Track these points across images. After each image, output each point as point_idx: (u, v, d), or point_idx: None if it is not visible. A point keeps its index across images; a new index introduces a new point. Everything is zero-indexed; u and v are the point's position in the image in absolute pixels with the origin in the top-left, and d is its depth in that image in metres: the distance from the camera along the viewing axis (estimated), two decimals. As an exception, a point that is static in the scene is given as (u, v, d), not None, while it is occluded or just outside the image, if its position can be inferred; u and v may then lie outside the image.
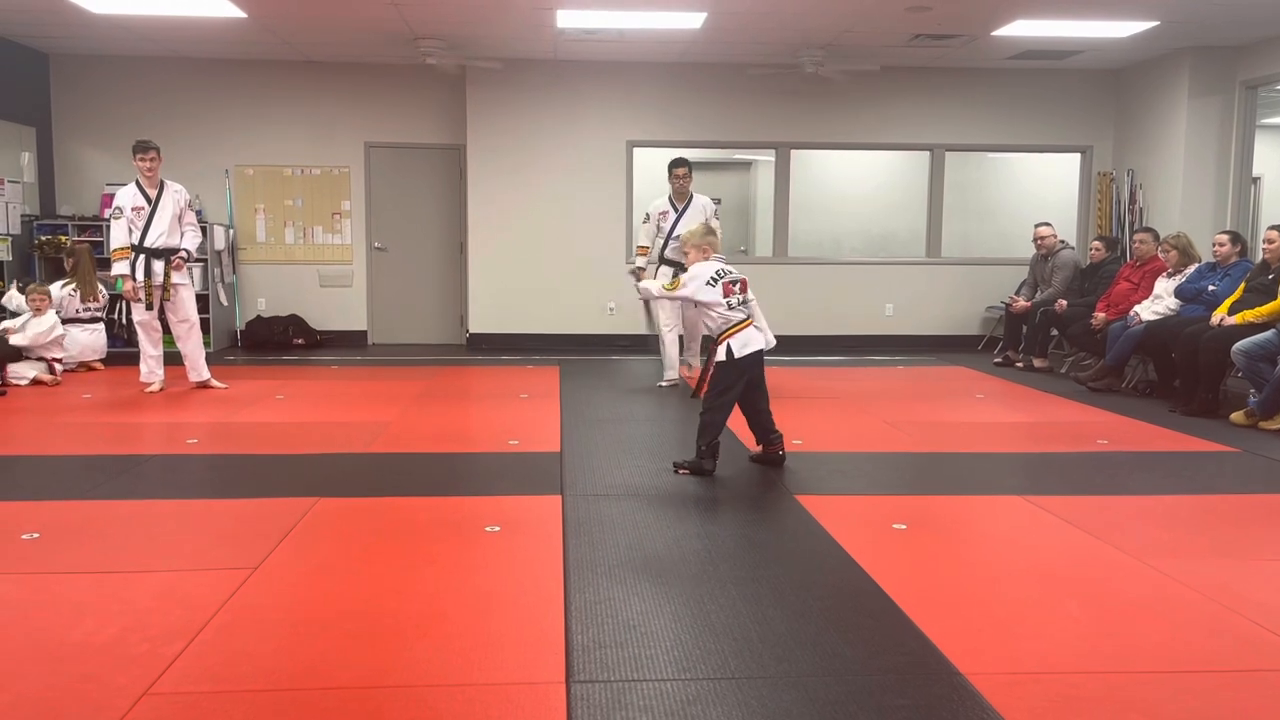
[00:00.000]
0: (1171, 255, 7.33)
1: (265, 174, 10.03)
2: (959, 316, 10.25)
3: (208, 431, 5.73)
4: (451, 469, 4.93)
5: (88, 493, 4.32)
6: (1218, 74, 8.91)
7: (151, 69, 9.68)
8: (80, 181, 9.81)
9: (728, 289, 4.64)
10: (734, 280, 4.67)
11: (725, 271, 4.70)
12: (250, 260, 10.08)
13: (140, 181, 6.86)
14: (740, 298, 4.67)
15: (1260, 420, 5.96)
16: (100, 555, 3.50)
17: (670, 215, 7.27)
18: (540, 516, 3.98)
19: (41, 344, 7.38)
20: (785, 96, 9.83)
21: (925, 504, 4.31)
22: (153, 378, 7.00)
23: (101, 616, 2.90)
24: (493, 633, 2.82)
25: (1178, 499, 4.43)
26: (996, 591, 3.24)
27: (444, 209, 10.25)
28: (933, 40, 8.65)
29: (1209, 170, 9.01)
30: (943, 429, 5.96)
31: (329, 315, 10.16)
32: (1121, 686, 2.53)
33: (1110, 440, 5.65)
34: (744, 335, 4.64)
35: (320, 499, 4.19)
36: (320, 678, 2.54)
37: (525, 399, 6.91)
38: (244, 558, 3.43)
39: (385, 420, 6.02)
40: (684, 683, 2.53)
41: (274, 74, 9.84)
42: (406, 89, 9.92)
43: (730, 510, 4.20)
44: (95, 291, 8.09)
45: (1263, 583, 3.34)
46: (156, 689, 2.46)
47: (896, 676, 2.58)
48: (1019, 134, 10.17)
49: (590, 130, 9.85)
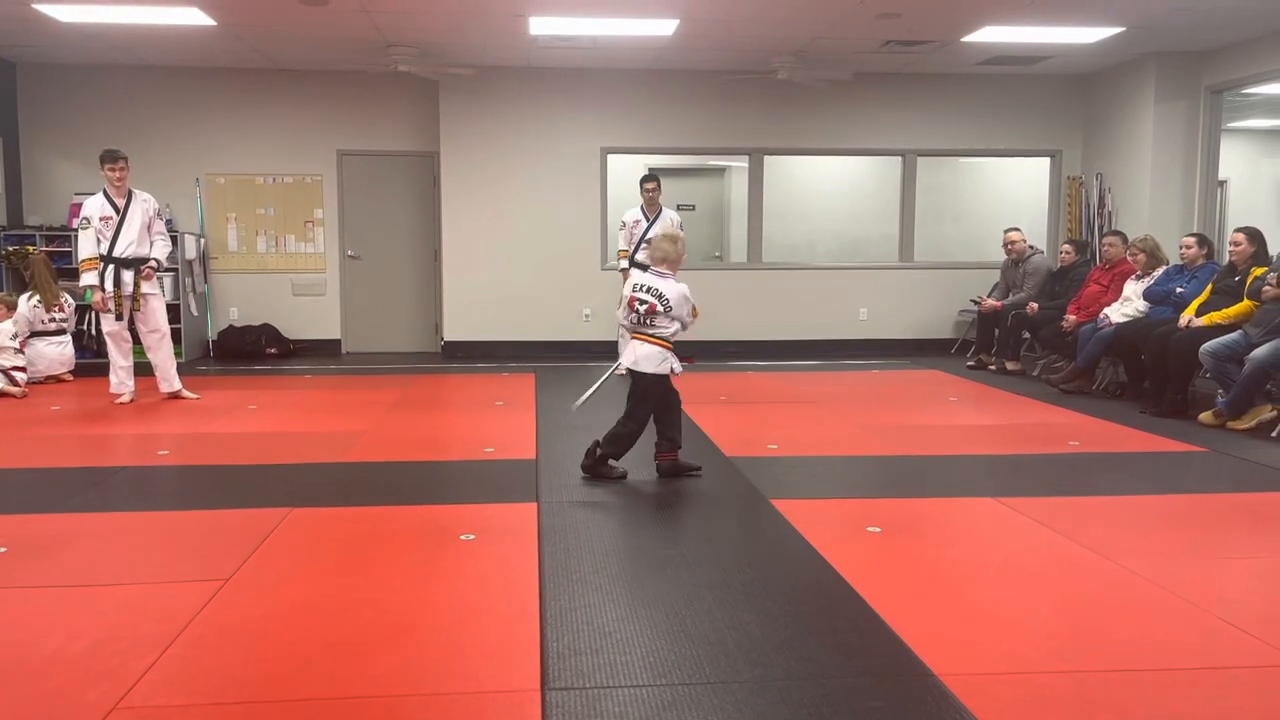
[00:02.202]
0: (1140, 258, 7.41)
1: (237, 182, 9.96)
2: (932, 320, 10.32)
3: (179, 443, 5.67)
4: (426, 477, 4.91)
5: (57, 506, 4.27)
6: (1183, 79, 9.02)
7: (120, 78, 9.60)
8: (48, 191, 9.71)
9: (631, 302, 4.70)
10: (639, 298, 4.68)
11: (638, 286, 4.72)
12: (222, 269, 10.00)
13: (108, 191, 6.79)
14: (636, 314, 4.69)
15: (1228, 420, 6.04)
16: (70, 569, 3.45)
17: (642, 224, 8.26)
18: (515, 524, 3.97)
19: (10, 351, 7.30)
20: (758, 102, 9.88)
21: (899, 507, 4.33)
22: (123, 389, 6.93)
23: (71, 630, 2.87)
24: (467, 641, 2.81)
25: (1148, 499, 4.48)
26: (970, 592, 3.26)
27: (418, 216, 10.21)
28: (903, 46, 8.72)
29: (1176, 174, 9.13)
30: (916, 432, 6.00)
31: (302, 324, 10.10)
32: (1093, 685, 2.55)
33: (1081, 441, 5.70)
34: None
35: (293, 509, 4.16)
36: (293, 689, 2.52)
37: (500, 406, 6.89)
38: (216, 569, 3.39)
39: (359, 429, 5.99)
40: (659, 688, 2.53)
41: (245, 82, 9.78)
42: (379, 96, 9.89)
43: (705, 515, 4.21)
44: (57, 298, 7.99)
45: (1232, 580, 3.39)
46: (126, 703, 2.43)
47: (871, 679, 2.59)
48: (989, 139, 10.26)
49: (564, 137, 9.85)
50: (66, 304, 8.11)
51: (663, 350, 4.65)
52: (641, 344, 4.67)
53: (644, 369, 4.65)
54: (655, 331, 4.66)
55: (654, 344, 4.65)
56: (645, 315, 4.66)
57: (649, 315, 4.66)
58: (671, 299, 4.63)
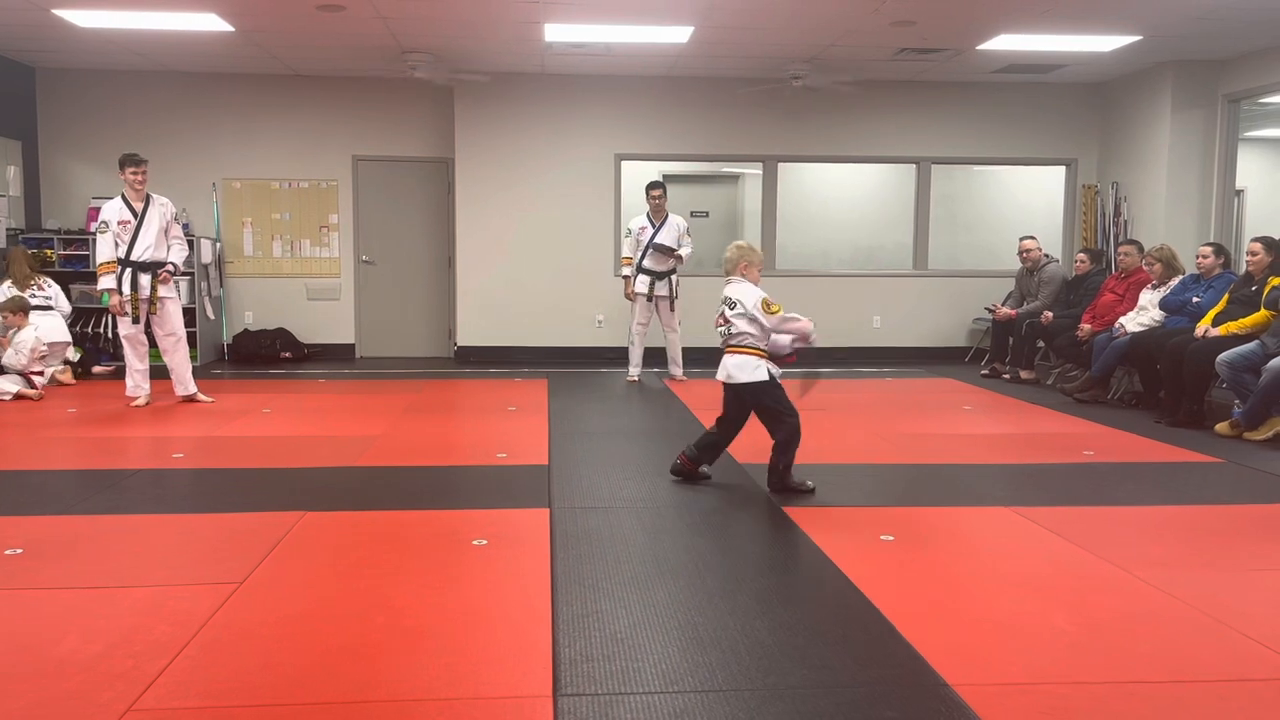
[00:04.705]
0: (1156, 268, 7.38)
1: (253, 187, 10.01)
2: (946, 329, 10.29)
3: (194, 446, 5.70)
4: (439, 482, 4.91)
5: (72, 508, 4.29)
6: (1200, 88, 8.98)
7: (138, 83, 9.67)
8: (66, 195, 9.78)
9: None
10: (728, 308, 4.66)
11: (722, 299, 4.68)
12: (238, 274, 10.05)
13: (126, 195, 6.84)
14: (725, 328, 4.66)
15: (1245, 431, 5.99)
16: (85, 571, 3.47)
17: (648, 231, 8.34)
18: (528, 530, 3.97)
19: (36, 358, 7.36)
20: (772, 110, 9.87)
21: (913, 515, 4.31)
22: (139, 392, 6.96)
23: (85, 632, 2.88)
24: (479, 646, 2.81)
25: (1164, 509, 4.45)
26: (984, 602, 3.24)
27: (432, 222, 10.25)
28: (918, 54, 8.71)
29: (1192, 183, 9.08)
30: (930, 441, 5.97)
31: (317, 328, 10.14)
32: (1109, 697, 2.53)
33: (1096, 451, 5.67)
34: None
35: (307, 513, 4.17)
36: (305, 692, 2.53)
37: (513, 412, 6.90)
38: (230, 572, 3.41)
39: (373, 434, 6.00)
40: (671, 695, 2.52)
41: (262, 88, 9.84)
42: (394, 102, 9.93)
43: (718, 522, 4.20)
44: (30, 280, 7.99)
45: (1250, 593, 3.36)
46: (140, 705, 2.44)
47: (885, 688, 2.58)
48: (1004, 147, 10.23)
49: (578, 143, 9.87)
50: (46, 284, 8.11)
51: (753, 358, 4.59)
52: (729, 355, 4.64)
53: (737, 379, 4.60)
54: (737, 341, 4.62)
55: (742, 353, 4.61)
56: (726, 326, 4.63)
57: (727, 325, 4.62)
58: (746, 303, 4.58)
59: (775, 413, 4.60)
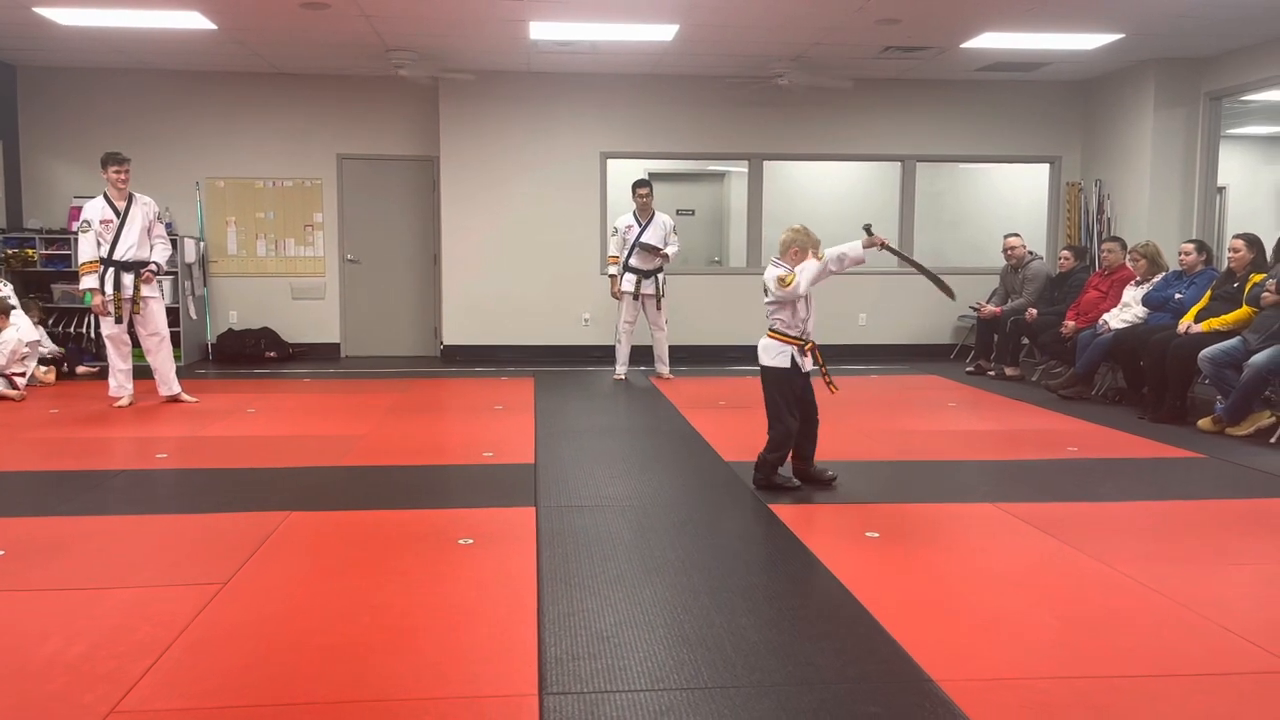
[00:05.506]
0: (1140, 264, 7.43)
1: (236, 186, 9.96)
2: (931, 326, 10.33)
3: (178, 446, 5.67)
4: (425, 482, 4.90)
5: (55, 509, 4.27)
6: (1183, 85, 9.03)
7: (120, 81, 9.60)
8: (48, 195, 9.71)
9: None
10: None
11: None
12: (222, 273, 10.00)
13: (109, 194, 6.79)
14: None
15: (1227, 426, 6.04)
16: (68, 572, 3.45)
17: (635, 229, 8.30)
18: (514, 529, 3.97)
19: (16, 359, 7.30)
20: (758, 108, 9.88)
21: (898, 512, 4.33)
22: (121, 392, 6.92)
23: (69, 634, 2.86)
24: (465, 646, 2.81)
25: (1147, 505, 4.48)
26: (968, 598, 3.26)
27: (417, 221, 10.22)
28: (903, 52, 8.73)
29: (1175, 180, 9.14)
30: (915, 437, 6.00)
31: (301, 328, 10.09)
32: (1092, 692, 2.55)
33: (1080, 447, 5.71)
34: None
35: (292, 513, 4.16)
36: (291, 693, 2.52)
37: (500, 411, 6.89)
38: (214, 573, 3.39)
39: (358, 433, 5.99)
40: (657, 693, 2.53)
41: (245, 86, 9.79)
42: (379, 101, 9.89)
43: (703, 520, 4.20)
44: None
45: (1230, 587, 3.38)
46: (123, 706, 2.43)
47: (869, 684, 2.59)
48: (988, 145, 10.27)
49: (564, 141, 9.86)
50: (3, 284, 8.06)
51: (778, 343, 4.63)
52: (763, 337, 4.71)
53: (760, 361, 4.67)
54: (770, 323, 4.68)
55: (770, 336, 4.68)
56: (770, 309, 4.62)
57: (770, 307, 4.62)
58: (768, 282, 4.59)
59: (771, 408, 4.63)
